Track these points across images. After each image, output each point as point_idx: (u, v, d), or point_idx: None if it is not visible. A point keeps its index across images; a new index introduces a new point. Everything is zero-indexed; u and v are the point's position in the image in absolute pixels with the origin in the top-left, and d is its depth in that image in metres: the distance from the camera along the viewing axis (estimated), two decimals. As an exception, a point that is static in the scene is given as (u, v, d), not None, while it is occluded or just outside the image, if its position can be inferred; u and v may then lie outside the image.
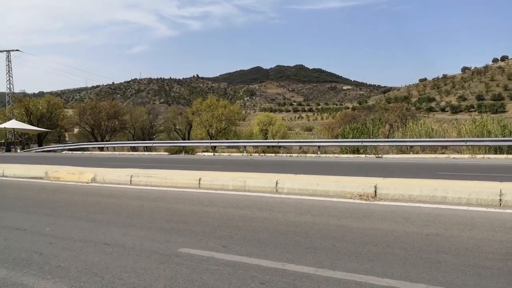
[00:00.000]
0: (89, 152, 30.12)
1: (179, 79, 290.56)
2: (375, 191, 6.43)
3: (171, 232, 4.68)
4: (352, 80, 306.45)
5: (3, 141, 39.13)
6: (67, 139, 55.65)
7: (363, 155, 18.97)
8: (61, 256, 3.87)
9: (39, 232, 4.88)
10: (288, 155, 20.23)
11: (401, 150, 20.65)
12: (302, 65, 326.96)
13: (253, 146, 25.24)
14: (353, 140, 21.07)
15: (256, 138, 38.58)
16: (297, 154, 20.53)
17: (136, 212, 6.00)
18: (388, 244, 4.00)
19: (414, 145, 19.49)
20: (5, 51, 64.63)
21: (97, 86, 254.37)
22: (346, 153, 20.70)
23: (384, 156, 17.98)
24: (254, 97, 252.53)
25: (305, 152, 21.92)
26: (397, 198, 6.26)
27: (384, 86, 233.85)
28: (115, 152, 29.87)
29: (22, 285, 3.19)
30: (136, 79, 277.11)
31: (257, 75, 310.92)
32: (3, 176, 11.35)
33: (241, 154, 22.41)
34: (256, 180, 7.51)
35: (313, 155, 19.94)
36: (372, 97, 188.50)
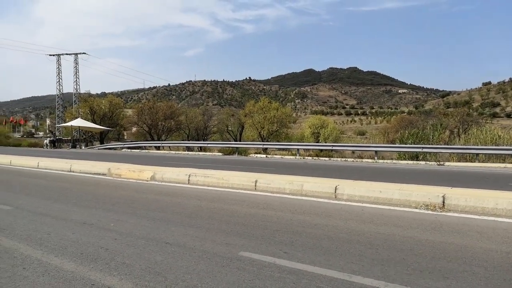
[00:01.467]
0: (146, 151, 31.33)
1: (232, 81, 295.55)
2: (443, 202, 6.01)
3: (231, 234, 4.64)
4: (408, 84, 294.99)
5: (69, 138, 41.80)
6: (125, 137, 58.39)
7: (422, 162, 18.05)
8: (125, 253, 3.94)
9: (104, 227, 5.04)
10: (343, 159, 19.72)
11: (464, 157, 19.43)
12: (356, 68, 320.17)
13: (304, 149, 24.92)
14: (413, 146, 20.11)
15: (307, 141, 38.17)
16: (352, 159, 19.98)
17: (194, 211, 6.05)
18: (464, 261, 3.68)
19: (480, 153, 18.23)
20: (74, 54, 69.35)
21: (154, 88, 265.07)
22: (405, 159, 19.82)
23: (446, 163, 16.99)
24: (305, 100, 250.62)
25: (361, 157, 21.25)
26: (468, 210, 5.81)
27: (443, 90, 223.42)
28: (171, 151, 30.81)
29: (90, 280, 3.26)
30: (190, 81, 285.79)
31: (309, 77, 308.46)
32: (71, 171, 12.05)
33: (293, 157, 22.20)
34: (314, 184, 7.32)
35: (370, 160, 19.27)
36: (429, 102, 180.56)
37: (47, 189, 8.81)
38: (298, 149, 23.59)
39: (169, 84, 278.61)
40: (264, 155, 23.65)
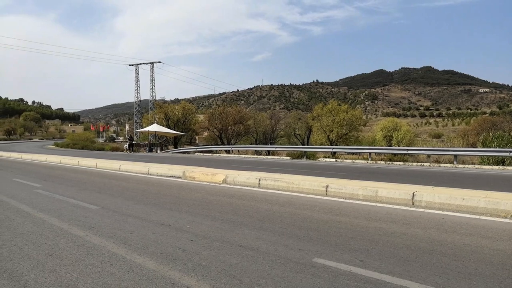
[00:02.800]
0: (217, 154, 32.30)
1: (299, 85, 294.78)
2: (539, 212, 5.43)
3: (304, 240, 4.59)
4: (491, 82, 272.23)
5: (146, 142, 44.48)
6: (197, 141, 60.83)
7: (510, 167, 16.50)
8: (201, 255, 4.07)
9: (180, 228, 5.26)
10: (419, 164, 18.66)
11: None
12: (430, 67, 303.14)
13: (376, 153, 24.01)
14: (499, 149, 18.41)
15: (379, 145, 36.70)
16: (428, 164, 18.84)
17: (266, 215, 6.09)
18: None
19: None
20: (150, 63, 73.69)
21: (224, 93, 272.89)
22: (488, 164, 18.26)
23: (539, 169, 15.36)
24: (375, 102, 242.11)
25: (438, 162, 19.95)
26: None
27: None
28: (240, 155, 31.43)
29: (170, 279, 3.40)
30: (258, 86, 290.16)
31: (380, 78, 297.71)
32: (148, 174, 12.79)
33: (365, 161, 21.49)
34: (389, 191, 7.01)
35: (448, 165, 18.03)
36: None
37: (128, 191, 9.41)
38: (370, 153, 22.80)
39: (237, 90, 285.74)
40: (333, 159, 23.19)
